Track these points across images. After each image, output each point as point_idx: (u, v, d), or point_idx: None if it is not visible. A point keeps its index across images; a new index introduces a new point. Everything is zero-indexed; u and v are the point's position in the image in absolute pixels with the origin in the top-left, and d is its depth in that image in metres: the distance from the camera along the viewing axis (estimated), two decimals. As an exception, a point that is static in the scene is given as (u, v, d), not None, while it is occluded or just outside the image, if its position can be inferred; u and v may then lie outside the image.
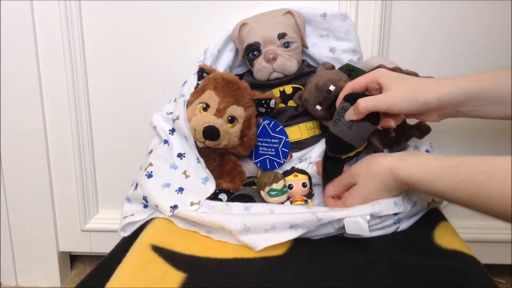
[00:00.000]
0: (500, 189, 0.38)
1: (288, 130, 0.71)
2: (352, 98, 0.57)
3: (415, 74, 0.65)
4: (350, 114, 0.55)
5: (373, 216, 0.52)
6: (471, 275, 0.44)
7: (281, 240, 0.51)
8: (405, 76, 0.56)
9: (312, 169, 0.69)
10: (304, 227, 0.51)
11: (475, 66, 0.86)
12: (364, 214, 0.50)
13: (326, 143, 0.62)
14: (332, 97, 0.66)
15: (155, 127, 0.72)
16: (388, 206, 0.53)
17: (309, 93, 0.68)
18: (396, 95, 0.52)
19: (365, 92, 0.59)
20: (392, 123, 0.56)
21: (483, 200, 0.40)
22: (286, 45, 0.71)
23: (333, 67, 0.72)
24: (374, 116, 0.55)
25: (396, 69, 0.64)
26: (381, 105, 0.53)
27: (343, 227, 0.51)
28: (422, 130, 0.71)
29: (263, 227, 0.52)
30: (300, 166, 0.71)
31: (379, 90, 0.56)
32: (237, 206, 0.57)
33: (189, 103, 0.68)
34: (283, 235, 0.51)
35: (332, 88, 0.65)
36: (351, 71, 0.71)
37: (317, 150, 0.72)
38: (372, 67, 0.72)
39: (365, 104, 0.53)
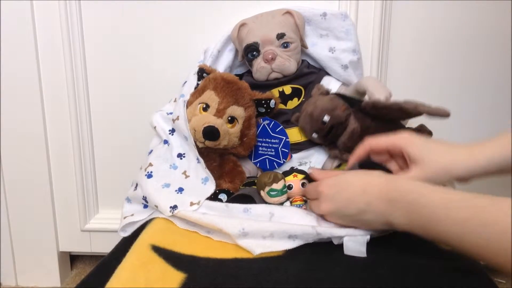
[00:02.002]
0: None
1: (288, 131, 0.71)
2: (368, 168, 0.55)
3: (415, 106, 0.60)
4: None
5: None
6: (471, 275, 0.44)
7: (279, 249, 0.51)
8: (433, 146, 0.53)
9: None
10: (302, 238, 0.51)
11: (475, 65, 0.86)
12: (364, 234, 0.50)
13: None
14: (327, 127, 0.65)
15: (155, 127, 0.72)
16: None
17: (304, 122, 0.68)
18: (430, 173, 0.50)
19: (381, 164, 0.58)
20: None
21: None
22: (285, 45, 0.71)
23: (327, 92, 0.69)
24: None
25: (394, 105, 0.61)
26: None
27: (342, 243, 0.51)
28: (424, 135, 0.70)
29: (261, 233, 0.52)
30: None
31: (401, 156, 0.55)
32: (237, 207, 0.57)
33: (189, 103, 0.68)
34: (280, 244, 0.51)
35: (326, 118, 0.64)
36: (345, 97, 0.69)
37: (318, 156, 0.72)
38: (364, 88, 0.69)
39: None
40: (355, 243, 0.50)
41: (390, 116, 0.63)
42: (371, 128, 0.65)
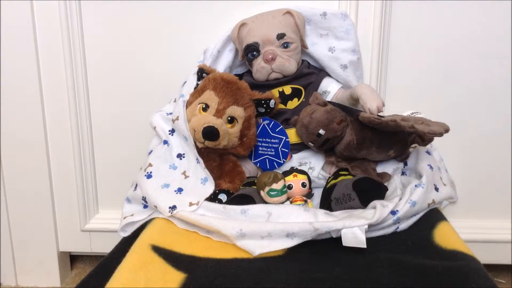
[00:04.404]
0: None
1: (288, 132, 0.71)
2: (360, 187, 0.57)
3: (412, 125, 0.57)
4: None
5: (371, 225, 0.51)
6: (471, 275, 0.44)
7: (277, 248, 0.51)
8: None
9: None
10: (300, 236, 0.51)
11: (475, 65, 0.86)
12: (361, 224, 0.50)
13: (322, 198, 0.66)
14: (322, 139, 0.65)
15: (155, 128, 0.72)
16: (382, 214, 0.53)
17: (300, 132, 0.68)
18: None
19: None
20: None
21: None
22: (285, 46, 0.71)
23: (325, 104, 0.67)
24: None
25: (391, 121, 0.59)
26: None
27: (340, 236, 0.51)
28: (425, 140, 0.69)
29: (259, 234, 0.52)
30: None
31: None
32: (234, 209, 0.57)
33: (188, 104, 0.68)
34: (279, 243, 0.51)
35: (322, 132, 0.64)
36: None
37: (318, 156, 0.72)
38: (357, 96, 0.68)
39: None
40: (353, 235, 0.49)
41: (388, 130, 0.63)
42: (368, 139, 0.65)
